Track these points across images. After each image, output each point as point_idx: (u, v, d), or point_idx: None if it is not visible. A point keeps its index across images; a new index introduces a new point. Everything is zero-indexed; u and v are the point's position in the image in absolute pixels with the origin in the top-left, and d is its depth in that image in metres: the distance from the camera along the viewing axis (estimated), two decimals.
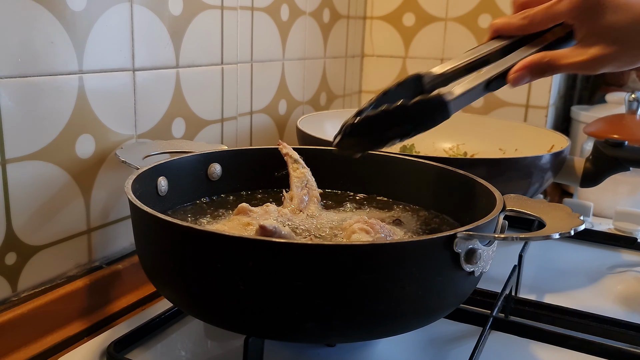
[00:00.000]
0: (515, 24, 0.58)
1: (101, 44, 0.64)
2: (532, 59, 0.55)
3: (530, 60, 0.55)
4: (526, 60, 0.55)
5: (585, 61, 0.54)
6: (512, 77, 0.55)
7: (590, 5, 0.53)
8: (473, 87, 0.54)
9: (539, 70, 0.55)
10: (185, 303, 0.51)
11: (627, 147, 0.87)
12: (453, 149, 1.09)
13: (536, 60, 0.55)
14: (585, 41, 0.55)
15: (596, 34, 0.54)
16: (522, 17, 0.57)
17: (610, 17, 0.53)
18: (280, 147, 0.70)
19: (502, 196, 0.56)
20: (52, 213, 0.62)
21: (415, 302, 0.47)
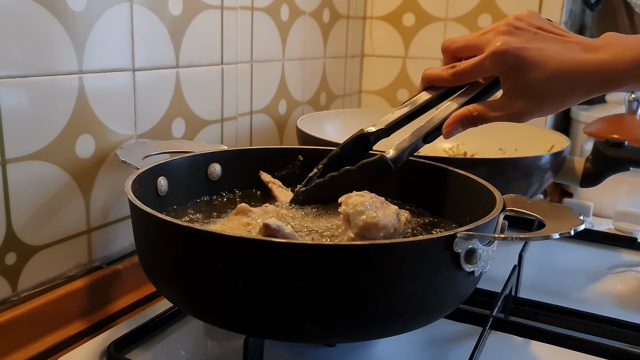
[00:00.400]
0: (445, 78, 0.62)
1: (101, 44, 0.64)
2: (462, 113, 0.60)
3: (461, 114, 0.60)
4: (457, 114, 0.60)
5: (511, 115, 0.59)
6: (445, 131, 0.61)
7: (512, 64, 0.57)
8: (412, 143, 0.61)
9: (470, 122, 0.60)
10: (185, 303, 0.51)
11: (627, 147, 0.87)
12: (453, 149, 1.09)
13: (466, 114, 0.60)
14: (509, 95, 0.59)
15: (518, 89, 0.58)
16: (451, 72, 0.61)
17: (530, 74, 0.56)
18: (262, 176, 0.71)
19: (502, 196, 0.56)
20: (52, 213, 0.62)
21: (415, 302, 0.47)
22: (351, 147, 0.64)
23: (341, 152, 0.64)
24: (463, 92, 0.63)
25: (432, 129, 0.61)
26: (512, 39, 0.57)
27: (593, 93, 0.57)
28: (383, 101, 1.33)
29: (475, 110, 0.60)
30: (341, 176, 0.61)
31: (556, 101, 0.58)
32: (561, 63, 0.56)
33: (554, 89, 0.57)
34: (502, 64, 0.57)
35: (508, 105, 0.59)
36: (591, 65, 0.55)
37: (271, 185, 0.70)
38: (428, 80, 0.64)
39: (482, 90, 0.62)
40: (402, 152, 0.60)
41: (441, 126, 0.61)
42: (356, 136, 0.64)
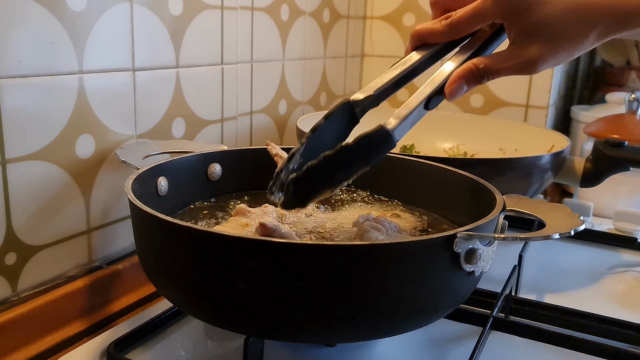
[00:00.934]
0: (439, 31, 0.54)
1: (101, 44, 0.64)
2: (466, 68, 0.52)
3: (465, 70, 0.52)
4: (460, 71, 0.52)
5: (523, 63, 0.51)
6: (448, 90, 0.52)
7: (519, 2, 0.50)
8: (413, 110, 0.51)
9: (475, 78, 0.52)
10: (185, 303, 0.51)
11: (627, 147, 0.87)
12: (453, 149, 1.09)
13: (472, 69, 0.52)
14: (518, 41, 0.51)
15: (528, 32, 0.51)
16: (446, 23, 0.53)
17: (540, 12, 0.50)
18: (269, 147, 0.70)
19: (502, 196, 0.56)
20: (52, 213, 0.62)
21: (415, 302, 0.47)
22: (336, 118, 0.54)
23: (325, 125, 0.53)
24: (462, 48, 0.54)
25: (434, 91, 0.52)
26: None
27: (608, 34, 0.50)
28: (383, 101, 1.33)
29: (481, 63, 0.52)
30: (337, 155, 0.49)
31: (571, 43, 0.50)
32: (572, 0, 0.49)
33: (568, 29, 0.50)
34: (507, 4, 0.50)
35: (518, 53, 0.51)
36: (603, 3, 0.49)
37: (277, 158, 0.69)
38: (419, 37, 0.55)
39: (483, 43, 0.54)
40: (403, 121, 0.51)
41: (443, 87, 0.53)
42: (341, 105, 0.53)
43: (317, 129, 0.53)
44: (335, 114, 0.53)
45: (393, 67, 0.54)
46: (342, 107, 0.53)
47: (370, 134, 0.50)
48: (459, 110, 1.24)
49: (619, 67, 1.46)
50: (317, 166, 0.49)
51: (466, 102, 1.24)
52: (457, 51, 0.54)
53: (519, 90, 1.19)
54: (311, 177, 0.50)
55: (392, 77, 0.54)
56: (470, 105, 1.24)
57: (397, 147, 1.03)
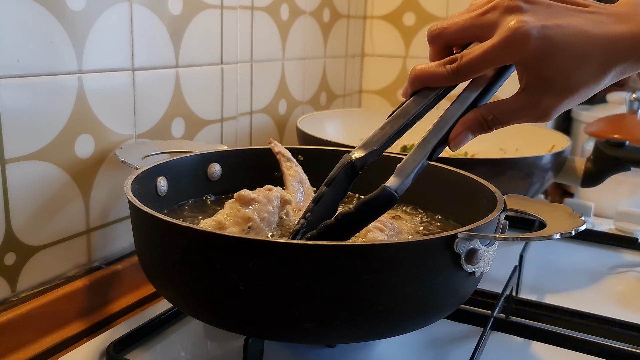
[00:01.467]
0: (444, 76, 0.49)
1: (101, 44, 0.64)
2: (473, 119, 0.49)
3: (472, 120, 0.49)
4: (467, 121, 0.49)
5: (537, 114, 0.48)
6: (454, 142, 0.49)
7: (535, 49, 0.45)
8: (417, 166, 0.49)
9: (482, 129, 0.49)
10: (184, 303, 0.51)
11: (628, 147, 0.87)
12: None
13: (479, 120, 0.49)
14: (531, 89, 0.47)
15: (543, 80, 0.47)
16: (452, 68, 0.48)
17: (557, 59, 0.45)
18: (272, 145, 0.70)
19: (502, 196, 0.56)
20: (52, 213, 0.62)
21: (416, 302, 0.47)
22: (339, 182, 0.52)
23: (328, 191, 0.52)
24: (466, 91, 0.51)
25: (438, 142, 0.50)
26: (528, 17, 0.45)
27: (627, 72, 0.47)
28: (383, 101, 1.33)
29: (490, 114, 0.48)
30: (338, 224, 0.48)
31: (588, 88, 0.47)
32: (590, 41, 0.45)
33: (585, 75, 0.46)
34: (523, 50, 0.45)
35: (531, 102, 0.47)
36: (624, 41, 0.45)
37: (279, 156, 0.69)
38: (421, 81, 0.50)
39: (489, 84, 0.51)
40: (406, 178, 0.49)
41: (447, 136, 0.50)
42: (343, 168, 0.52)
43: (321, 199, 0.51)
44: (338, 179, 0.52)
45: (395, 115, 0.51)
46: (344, 170, 0.52)
47: (374, 198, 0.48)
48: None
49: None
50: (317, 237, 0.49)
51: None
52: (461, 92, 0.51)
53: None
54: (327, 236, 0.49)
55: (394, 129, 0.51)
56: None
57: (397, 147, 1.04)
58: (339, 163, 0.52)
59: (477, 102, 0.51)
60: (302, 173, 0.69)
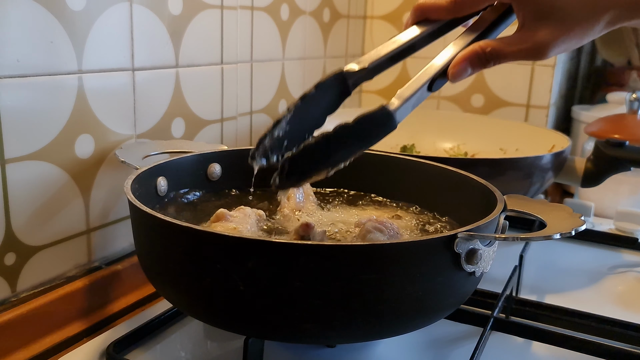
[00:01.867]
0: (444, 7, 0.52)
1: (100, 44, 0.64)
2: (472, 51, 0.50)
3: (471, 52, 0.50)
4: (466, 53, 0.50)
5: (533, 48, 0.49)
6: (452, 72, 0.50)
7: None
8: (416, 91, 0.49)
9: (481, 61, 0.50)
10: (184, 304, 0.51)
11: (628, 147, 0.86)
12: (453, 149, 1.09)
13: (477, 51, 0.50)
14: (528, 24, 0.49)
15: (539, 15, 0.49)
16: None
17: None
18: None
19: (502, 196, 0.56)
20: (52, 213, 0.62)
21: (416, 302, 0.47)
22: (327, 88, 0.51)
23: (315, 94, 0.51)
24: (468, 30, 0.52)
25: (438, 73, 0.50)
26: None
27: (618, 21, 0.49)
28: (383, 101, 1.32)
29: (488, 46, 0.50)
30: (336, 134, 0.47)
31: (582, 28, 0.49)
32: None
33: (579, 13, 0.48)
34: None
35: (527, 36, 0.49)
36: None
37: None
38: (422, 11, 0.53)
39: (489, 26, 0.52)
40: (406, 102, 0.48)
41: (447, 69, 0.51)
42: (334, 75, 0.51)
43: (307, 97, 0.50)
44: (327, 84, 0.51)
45: (391, 41, 0.52)
46: (334, 77, 0.51)
47: (372, 114, 0.48)
48: (459, 110, 1.24)
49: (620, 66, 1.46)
50: (314, 145, 0.48)
51: (467, 102, 1.24)
52: (462, 32, 0.52)
53: (519, 90, 1.19)
54: (308, 156, 0.48)
55: (389, 51, 0.52)
56: (471, 105, 1.24)
57: (397, 147, 1.04)
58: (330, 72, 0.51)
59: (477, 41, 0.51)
60: None
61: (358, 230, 0.57)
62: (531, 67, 1.16)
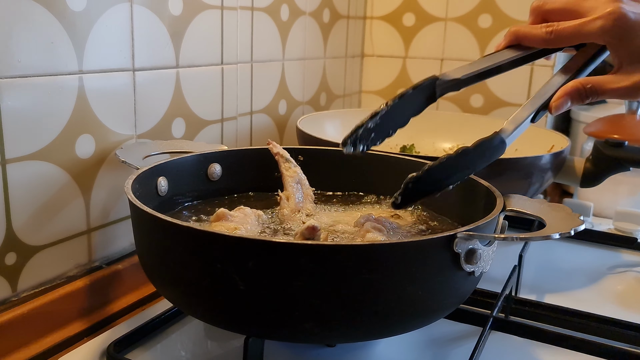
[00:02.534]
0: (539, 37, 0.55)
1: (101, 44, 0.64)
2: (574, 86, 0.54)
3: (572, 88, 0.54)
4: (568, 88, 0.54)
5: (630, 88, 0.53)
6: (554, 105, 0.55)
7: (625, 28, 0.51)
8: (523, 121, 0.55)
9: (581, 97, 0.54)
10: (185, 303, 0.51)
11: (627, 147, 0.87)
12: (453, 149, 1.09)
13: (579, 88, 0.54)
14: (625, 65, 0.53)
15: (635, 59, 0.52)
16: (547, 30, 0.55)
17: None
18: (270, 146, 0.70)
19: (502, 196, 0.56)
20: (52, 213, 0.62)
21: (415, 302, 0.47)
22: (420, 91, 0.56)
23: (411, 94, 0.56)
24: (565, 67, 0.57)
25: (542, 105, 0.55)
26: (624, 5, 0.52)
27: None
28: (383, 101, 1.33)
29: (589, 83, 0.54)
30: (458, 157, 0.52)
31: None
32: None
33: None
34: (617, 28, 0.51)
35: (626, 77, 0.53)
36: None
37: (278, 157, 0.69)
38: (517, 37, 0.57)
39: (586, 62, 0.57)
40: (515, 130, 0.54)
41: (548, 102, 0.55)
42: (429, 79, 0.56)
43: (404, 96, 0.55)
44: (422, 87, 0.56)
45: (484, 58, 0.57)
46: (429, 81, 0.56)
47: (489, 140, 0.53)
48: (459, 110, 1.24)
49: None
50: (438, 167, 0.52)
51: (466, 102, 1.24)
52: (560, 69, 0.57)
53: (519, 90, 1.19)
54: (431, 177, 0.53)
55: (481, 68, 0.56)
56: (471, 105, 1.24)
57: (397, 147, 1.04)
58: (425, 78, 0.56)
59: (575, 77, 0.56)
60: (301, 173, 0.69)
61: (357, 230, 0.58)
62: (530, 67, 1.16)
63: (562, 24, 0.54)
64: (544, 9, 0.57)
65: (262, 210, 0.62)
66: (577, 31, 0.53)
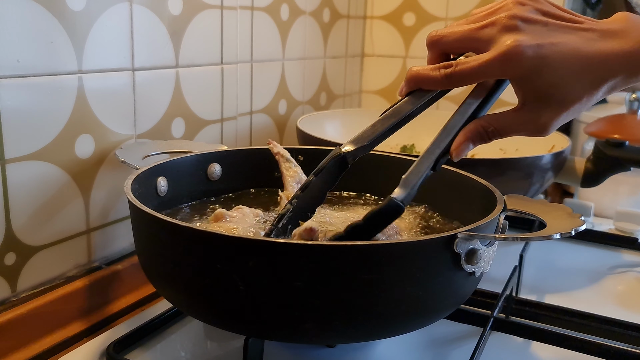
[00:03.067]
0: (437, 80, 0.51)
1: (101, 44, 0.64)
2: (474, 130, 0.51)
3: (473, 132, 0.51)
4: (468, 132, 0.51)
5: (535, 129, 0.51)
6: (455, 152, 0.51)
7: (529, 68, 0.47)
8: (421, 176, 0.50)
9: (483, 139, 0.51)
10: (184, 303, 0.51)
11: (627, 147, 0.87)
12: None
13: (480, 131, 0.51)
14: (529, 105, 0.50)
15: (540, 97, 0.49)
16: (445, 73, 0.51)
17: (551, 77, 0.48)
18: (271, 146, 0.69)
19: (502, 196, 0.56)
20: (52, 213, 0.62)
21: (416, 302, 0.47)
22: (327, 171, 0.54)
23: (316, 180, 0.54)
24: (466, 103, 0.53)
25: (441, 153, 0.51)
26: (523, 36, 0.47)
27: (617, 87, 0.50)
28: (383, 101, 1.33)
29: (490, 126, 0.51)
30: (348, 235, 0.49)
31: (582, 103, 0.49)
32: (583, 59, 0.48)
33: (579, 91, 0.48)
34: (517, 68, 0.47)
35: (530, 118, 0.50)
36: (616, 58, 0.48)
37: (278, 157, 0.69)
38: (416, 82, 0.53)
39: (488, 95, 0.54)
40: (411, 189, 0.50)
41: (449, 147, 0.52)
42: (332, 159, 0.53)
43: (308, 187, 0.54)
44: (327, 169, 0.54)
45: (387, 115, 0.54)
46: (333, 161, 0.54)
47: (382, 209, 0.49)
48: None
49: None
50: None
51: None
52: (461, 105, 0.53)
53: None
54: None
55: (385, 127, 0.53)
56: None
57: (397, 147, 1.04)
58: (330, 154, 0.54)
59: (478, 112, 0.53)
60: (302, 173, 0.69)
61: None
62: None
63: (460, 65, 0.50)
64: (441, 44, 0.52)
65: (260, 210, 0.62)
66: (477, 72, 0.49)
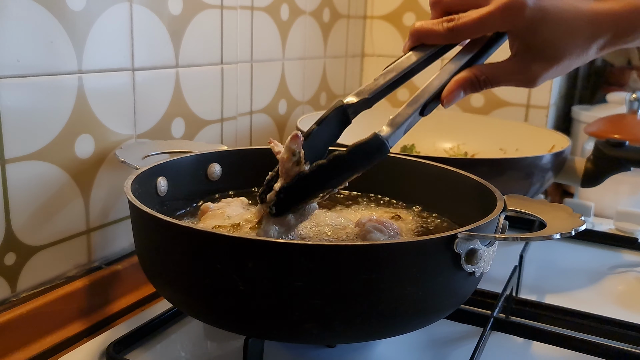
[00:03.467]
0: (440, 33, 0.52)
1: (100, 44, 0.64)
2: (466, 78, 0.52)
3: (464, 79, 0.52)
4: (460, 79, 0.52)
5: (524, 78, 0.52)
6: (446, 98, 0.52)
7: (528, 19, 0.49)
8: (408, 117, 0.51)
9: (474, 87, 0.52)
10: (184, 303, 0.51)
11: (628, 147, 0.86)
12: (453, 149, 1.09)
13: (471, 78, 0.52)
14: (521, 55, 0.52)
15: (533, 48, 0.51)
16: (448, 26, 0.52)
17: (546, 31, 0.50)
18: (272, 145, 0.69)
19: (502, 196, 0.56)
20: (52, 213, 0.62)
21: (416, 302, 0.47)
22: (329, 123, 0.54)
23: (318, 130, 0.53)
24: (460, 52, 0.54)
25: (430, 98, 0.52)
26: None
27: (609, 47, 0.52)
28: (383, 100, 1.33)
29: (482, 75, 0.52)
30: (330, 164, 0.50)
31: (572, 59, 0.51)
32: (576, 15, 0.50)
33: (571, 46, 0.51)
34: (517, 19, 0.49)
35: (521, 67, 0.52)
36: (605, 17, 0.50)
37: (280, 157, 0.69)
38: (418, 37, 0.53)
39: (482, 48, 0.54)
40: (398, 128, 0.50)
41: (440, 93, 0.52)
42: (334, 109, 0.53)
43: (310, 136, 0.53)
44: (328, 119, 0.54)
45: (389, 69, 0.54)
46: (335, 112, 0.53)
47: (365, 143, 0.50)
48: (459, 110, 1.24)
49: (620, 66, 1.46)
50: (309, 175, 0.51)
51: (467, 102, 1.24)
52: (454, 56, 0.54)
53: (519, 90, 1.19)
54: (302, 185, 0.51)
55: (387, 80, 0.54)
56: (471, 105, 1.24)
57: (397, 147, 1.04)
58: (332, 105, 0.53)
59: (471, 64, 0.53)
60: None
61: (358, 230, 0.57)
62: None
63: (463, 18, 0.51)
64: (443, 3, 0.54)
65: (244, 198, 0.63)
66: (479, 23, 0.50)
